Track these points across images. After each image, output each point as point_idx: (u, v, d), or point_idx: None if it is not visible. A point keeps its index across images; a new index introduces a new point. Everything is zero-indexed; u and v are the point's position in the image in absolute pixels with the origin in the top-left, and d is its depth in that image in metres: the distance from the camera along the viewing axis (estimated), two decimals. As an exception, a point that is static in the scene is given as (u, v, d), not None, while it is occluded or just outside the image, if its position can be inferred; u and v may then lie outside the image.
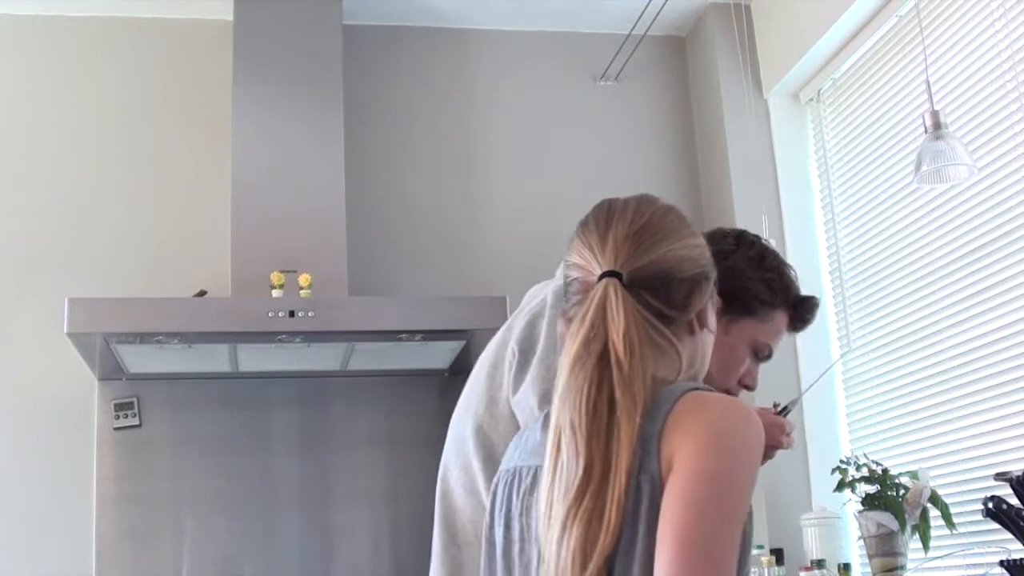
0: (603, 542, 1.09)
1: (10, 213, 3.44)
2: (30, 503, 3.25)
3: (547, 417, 1.22)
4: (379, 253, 3.58)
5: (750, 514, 1.16)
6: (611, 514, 1.10)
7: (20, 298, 3.38)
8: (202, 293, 3.28)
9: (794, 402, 1.91)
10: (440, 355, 3.21)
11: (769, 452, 1.69)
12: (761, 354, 1.76)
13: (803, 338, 3.45)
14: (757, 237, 1.80)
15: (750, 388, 1.78)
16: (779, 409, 1.84)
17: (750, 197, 3.51)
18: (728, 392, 1.75)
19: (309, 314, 2.94)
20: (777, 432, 1.71)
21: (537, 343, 1.58)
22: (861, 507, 2.77)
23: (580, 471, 1.13)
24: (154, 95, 3.61)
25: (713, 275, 1.29)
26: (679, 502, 1.07)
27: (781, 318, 1.77)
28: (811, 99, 3.60)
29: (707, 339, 1.30)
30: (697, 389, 1.18)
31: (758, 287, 1.73)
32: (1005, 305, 2.66)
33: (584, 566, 1.08)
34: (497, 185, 3.73)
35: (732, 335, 1.71)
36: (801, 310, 1.80)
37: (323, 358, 3.23)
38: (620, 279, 1.23)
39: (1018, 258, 2.62)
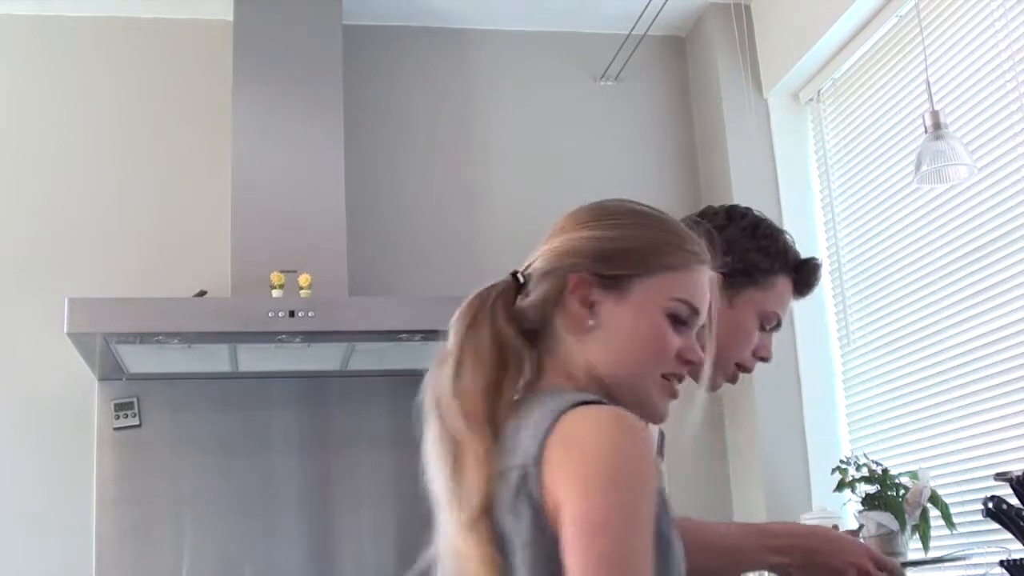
0: None
1: (10, 213, 3.44)
2: (30, 503, 3.25)
3: None
4: (379, 253, 3.58)
5: (664, 514, 1.09)
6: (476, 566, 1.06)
7: (20, 298, 3.38)
8: (202, 293, 3.28)
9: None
10: (440, 355, 3.20)
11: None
12: (768, 324, 1.73)
13: (803, 338, 3.45)
14: (748, 209, 1.79)
15: (765, 359, 1.75)
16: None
17: (750, 197, 3.47)
18: (743, 367, 1.73)
19: (309, 314, 2.94)
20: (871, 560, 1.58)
21: None
22: (861, 507, 2.77)
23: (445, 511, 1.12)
24: (154, 95, 3.61)
25: (593, 266, 1.20)
26: (569, 554, 1.00)
27: (784, 284, 1.74)
28: (811, 99, 3.60)
29: (621, 331, 1.19)
30: (585, 403, 1.09)
31: (755, 256, 1.71)
32: (1005, 305, 2.66)
33: None
34: (497, 185, 3.73)
35: (737, 308, 1.69)
36: (803, 273, 1.77)
37: (323, 358, 3.23)
38: (516, 277, 1.23)
39: (1018, 258, 2.62)
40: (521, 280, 1.24)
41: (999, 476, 2.16)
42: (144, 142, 3.57)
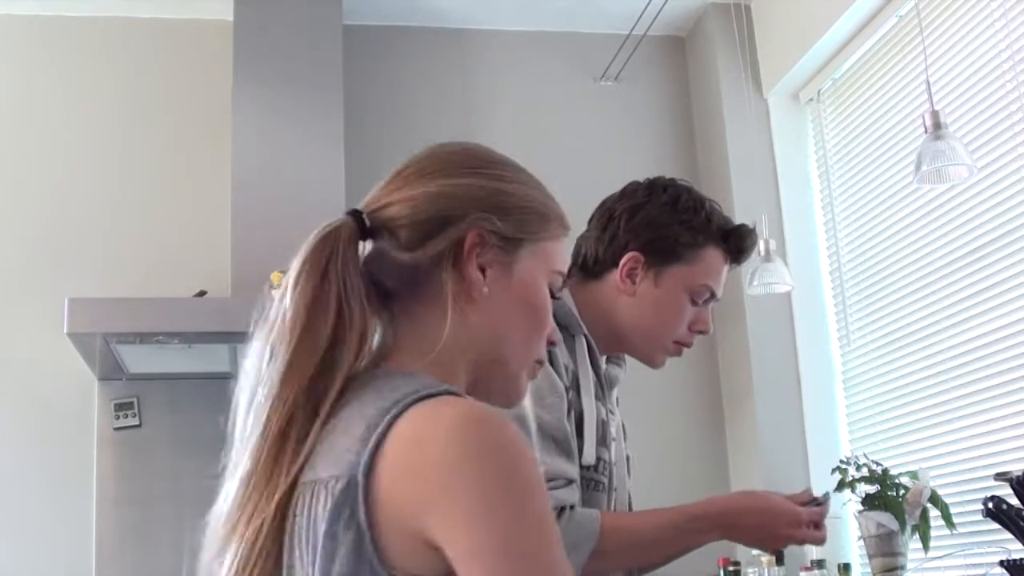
0: None
1: (10, 213, 3.44)
2: (30, 503, 3.25)
3: None
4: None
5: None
6: None
7: (20, 298, 3.38)
8: (202, 293, 3.28)
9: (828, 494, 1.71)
10: (440, 355, 3.20)
11: (788, 541, 1.63)
12: (700, 298, 1.68)
13: (803, 338, 3.45)
14: (672, 181, 1.74)
15: (704, 332, 1.71)
16: (815, 499, 1.65)
17: (750, 197, 3.51)
18: (681, 343, 1.69)
19: (309, 314, 2.93)
20: (803, 525, 1.59)
21: None
22: (861, 507, 2.77)
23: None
24: (154, 95, 3.61)
25: (494, 223, 1.02)
26: None
27: (713, 255, 1.68)
28: (811, 99, 3.60)
29: (509, 303, 1.03)
30: (429, 395, 0.87)
31: (677, 231, 1.66)
32: (1005, 305, 2.66)
33: None
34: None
35: (663, 287, 1.66)
36: (733, 240, 1.70)
37: (323, 358, 3.23)
38: (361, 220, 1.00)
39: (1018, 258, 2.62)
40: (367, 224, 1.01)
41: (999, 476, 2.15)
42: (144, 142, 3.57)
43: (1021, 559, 2.07)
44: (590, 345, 1.64)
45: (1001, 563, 2.12)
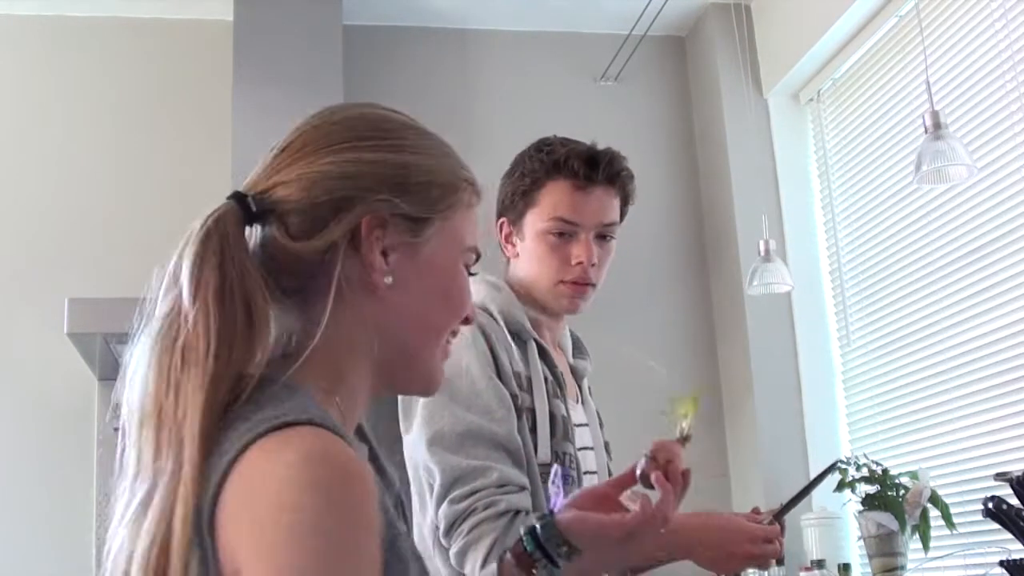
0: None
1: (10, 213, 3.44)
2: (30, 503, 3.25)
3: None
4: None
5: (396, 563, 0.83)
6: None
7: (20, 298, 3.38)
8: (202, 293, 3.28)
9: (790, 505, 1.72)
10: (440, 355, 3.20)
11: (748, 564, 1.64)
12: (558, 230, 1.71)
13: (803, 338, 3.45)
14: (526, 149, 1.83)
15: (581, 263, 1.69)
16: (773, 513, 1.65)
17: (750, 197, 3.51)
18: (573, 282, 1.70)
19: (309, 314, 2.94)
20: (762, 544, 1.61)
21: None
22: (861, 507, 2.77)
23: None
24: (154, 95, 3.61)
25: (395, 203, 0.91)
26: None
27: (553, 187, 1.73)
28: (811, 99, 3.60)
29: (419, 290, 0.93)
30: (286, 424, 0.79)
31: (515, 184, 1.78)
32: (1005, 305, 2.66)
33: None
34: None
35: (526, 236, 1.74)
36: (569, 163, 1.73)
37: (323, 358, 3.23)
38: (246, 205, 0.89)
39: (1018, 258, 2.62)
40: (254, 209, 0.90)
41: (999, 476, 2.15)
42: (144, 142, 3.56)
43: (1021, 559, 2.07)
44: (540, 348, 1.71)
45: (1001, 563, 2.12)
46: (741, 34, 3.60)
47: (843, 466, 2.84)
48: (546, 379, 1.69)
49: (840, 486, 2.83)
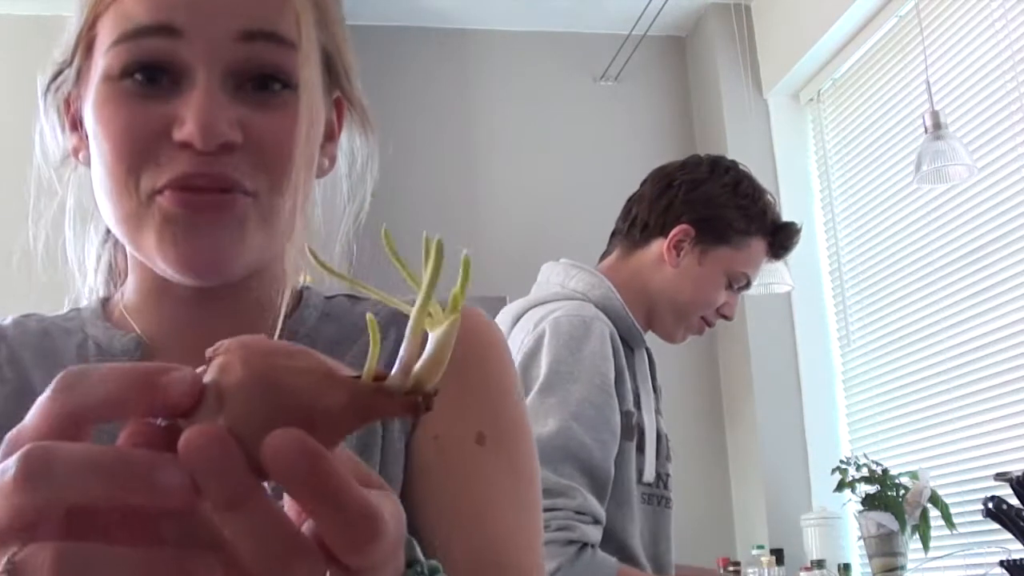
0: None
1: (10, 213, 3.44)
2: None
3: None
4: (379, 253, 3.57)
5: None
6: None
7: (20, 298, 3.37)
8: (202, 293, 3.28)
9: None
10: (440, 355, 3.19)
11: None
12: (737, 283, 1.69)
13: (803, 338, 3.45)
14: (734, 163, 1.75)
15: (728, 318, 1.72)
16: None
17: (750, 197, 3.51)
18: (706, 321, 1.70)
19: (309, 314, 2.94)
20: None
21: (536, 379, 1.48)
22: (861, 507, 2.77)
23: None
24: (154, 95, 3.61)
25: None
26: None
27: (758, 245, 1.70)
28: (811, 99, 3.60)
29: None
30: None
31: (732, 215, 1.67)
32: (1005, 305, 2.66)
33: None
34: (497, 185, 3.73)
35: (706, 266, 1.66)
36: (780, 237, 1.73)
37: (323, 358, 3.23)
38: None
39: (1018, 258, 2.62)
40: None
41: (999, 476, 2.16)
42: (144, 142, 3.57)
43: (1021, 559, 2.07)
44: (650, 358, 1.65)
45: (1001, 563, 2.12)
46: (741, 34, 3.60)
47: (844, 466, 2.84)
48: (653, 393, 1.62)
49: (840, 486, 2.83)
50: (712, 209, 1.67)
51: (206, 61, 0.66)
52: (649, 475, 1.56)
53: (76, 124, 0.78)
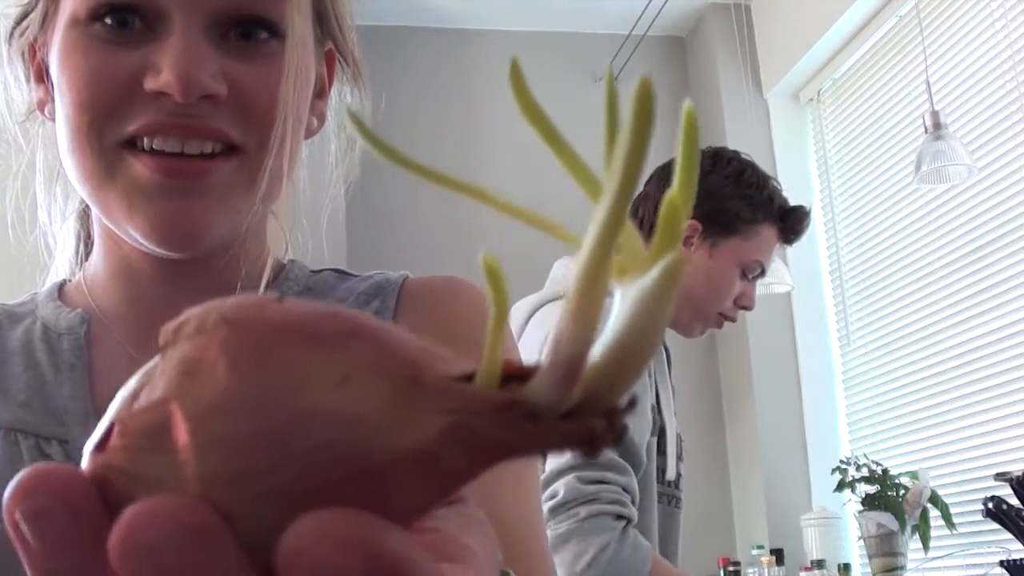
0: None
1: (10, 213, 3.44)
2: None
3: None
4: (379, 253, 3.58)
5: None
6: None
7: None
8: (202, 293, 3.28)
9: None
10: (440, 355, 3.20)
11: None
12: (751, 273, 1.69)
13: (803, 338, 3.45)
14: (736, 153, 1.75)
15: (747, 308, 1.72)
16: None
17: (750, 197, 3.51)
18: (725, 316, 1.70)
19: (309, 314, 2.94)
20: None
21: None
22: (861, 507, 2.77)
23: None
24: (154, 95, 3.61)
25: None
26: None
27: (768, 232, 1.70)
28: (811, 99, 3.60)
29: None
30: None
31: (737, 205, 1.67)
32: (1005, 305, 2.66)
33: None
34: (497, 185, 3.72)
35: (717, 258, 1.66)
36: (790, 221, 1.72)
37: (323, 358, 3.23)
38: None
39: (1018, 258, 2.62)
40: None
41: (999, 476, 2.16)
42: (144, 142, 3.56)
43: (1021, 559, 2.07)
44: (668, 357, 1.64)
45: (1001, 563, 2.12)
46: (741, 34, 3.60)
47: (844, 466, 2.85)
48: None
49: (840, 486, 2.84)
50: (717, 202, 1.66)
51: (185, 4, 0.59)
52: (671, 474, 1.55)
53: (42, 75, 0.68)
